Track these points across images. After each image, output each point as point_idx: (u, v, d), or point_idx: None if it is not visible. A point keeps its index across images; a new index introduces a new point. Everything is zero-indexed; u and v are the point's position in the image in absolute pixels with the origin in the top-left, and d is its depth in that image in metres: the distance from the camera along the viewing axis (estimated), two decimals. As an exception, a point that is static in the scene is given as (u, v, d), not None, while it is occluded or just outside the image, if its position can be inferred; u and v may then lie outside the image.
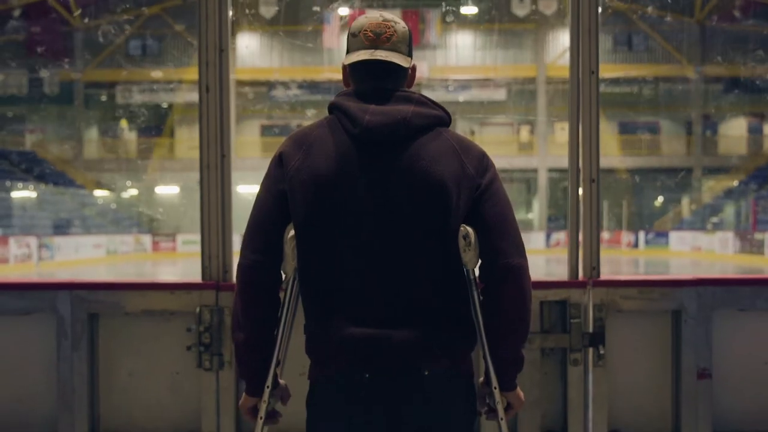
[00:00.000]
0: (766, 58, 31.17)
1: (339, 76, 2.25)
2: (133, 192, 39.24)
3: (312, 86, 37.55)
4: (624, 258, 31.23)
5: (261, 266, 2.11)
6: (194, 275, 3.32)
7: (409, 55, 2.19)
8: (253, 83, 38.50)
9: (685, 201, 37.12)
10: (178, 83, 37.41)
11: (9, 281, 2.66)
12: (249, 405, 2.19)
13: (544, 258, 31.36)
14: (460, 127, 39.49)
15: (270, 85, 37.54)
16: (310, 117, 38.12)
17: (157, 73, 36.78)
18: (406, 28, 2.20)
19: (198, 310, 3.11)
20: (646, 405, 3.20)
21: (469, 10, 37.56)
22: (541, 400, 3.13)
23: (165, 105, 37.29)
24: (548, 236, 36.14)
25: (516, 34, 37.56)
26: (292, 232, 2.10)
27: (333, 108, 2.14)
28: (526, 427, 3.12)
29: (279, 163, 2.11)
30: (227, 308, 3.12)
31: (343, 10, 35.34)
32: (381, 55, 2.10)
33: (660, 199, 38.27)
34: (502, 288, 2.08)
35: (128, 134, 39.03)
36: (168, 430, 3.21)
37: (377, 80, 2.12)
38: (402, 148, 2.06)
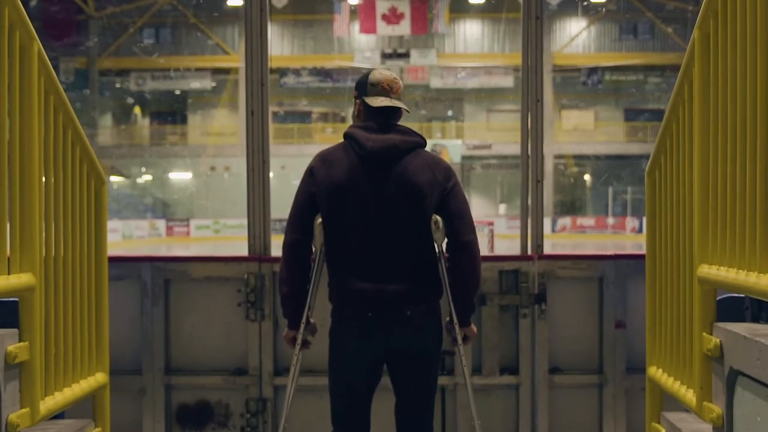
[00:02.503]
0: None
1: (347, 63, 3.27)
2: (147, 177, 40.08)
3: (322, 73, 38.21)
4: (628, 243, 31.99)
5: (298, 243, 3.15)
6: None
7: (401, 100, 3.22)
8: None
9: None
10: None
11: (108, 255, 3.64)
12: (290, 336, 3.24)
13: (550, 243, 32.10)
14: (468, 112, 40.17)
15: (281, 72, 38.17)
16: (319, 105, 38.88)
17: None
18: (403, 83, 3.23)
19: (245, 276, 4.18)
20: (578, 348, 4.25)
21: (477, -1, 38.11)
22: (499, 344, 4.18)
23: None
24: (554, 221, 36.68)
25: (521, 23, 38.04)
26: (319, 220, 3.14)
27: (347, 136, 3.17)
28: (488, 365, 4.18)
29: (311, 173, 3.15)
30: (267, 275, 4.17)
31: (353, 0, 36.09)
32: (396, 102, 3.13)
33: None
34: (460, 256, 3.13)
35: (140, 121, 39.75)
36: (222, 366, 4.27)
37: (386, 117, 3.15)
38: (393, 164, 3.09)
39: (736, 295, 2.95)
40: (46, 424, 3.00)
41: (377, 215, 3.07)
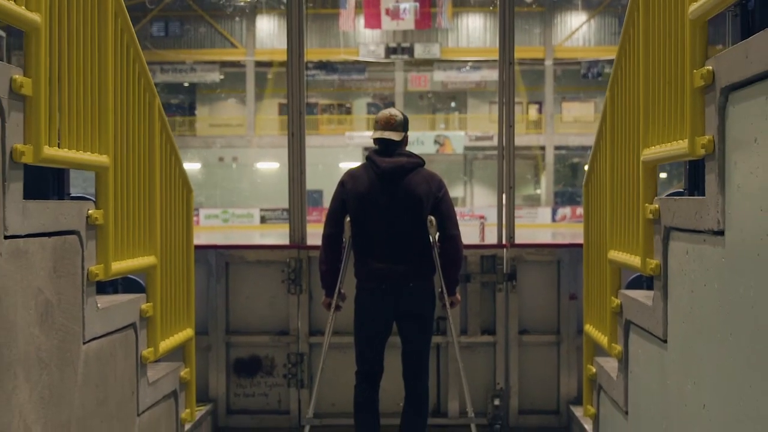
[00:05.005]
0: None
1: (352, 57, 4.59)
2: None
3: (328, 67, 39.29)
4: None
5: (333, 235, 4.40)
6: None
7: (403, 130, 4.43)
8: (272, 64, 40.16)
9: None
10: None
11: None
12: (326, 302, 4.49)
13: (551, 232, 33.20)
14: (471, 105, 41.25)
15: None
16: (324, 97, 39.79)
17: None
18: (402, 116, 4.44)
19: (288, 260, 5.44)
20: (541, 315, 5.50)
21: (480, -5, 38.98)
22: (480, 311, 5.44)
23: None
24: (554, 211, 37.54)
25: (524, 18, 38.91)
26: (347, 218, 4.39)
27: (367, 159, 4.41)
28: (472, 328, 5.44)
29: (342, 185, 4.39)
30: (304, 259, 5.43)
31: (358, -5, 37.06)
32: (385, 134, 4.37)
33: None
34: (448, 245, 4.37)
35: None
36: (269, 328, 5.53)
37: (385, 144, 4.39)
38: (401, 179, 4.33)
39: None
40: (152, 364, 4.25)
41: (389, 216, 4.31)
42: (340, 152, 38.14)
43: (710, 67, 2.50)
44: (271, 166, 39.66)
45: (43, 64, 2.67)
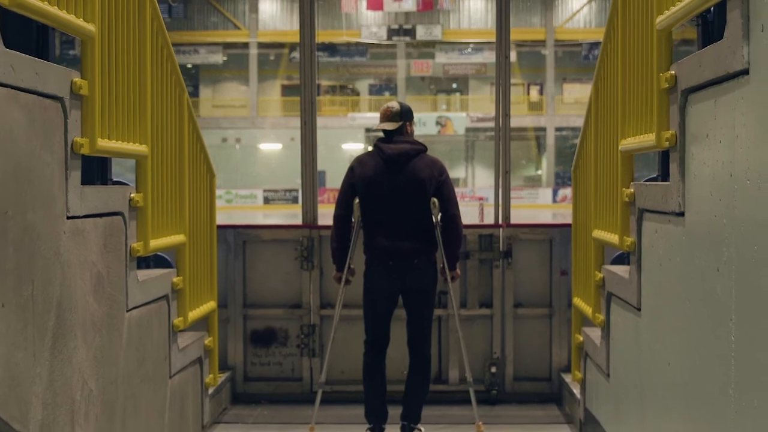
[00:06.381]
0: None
1: (354, 38, 5.33)
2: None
3: (330, 48, 39.55)
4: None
5: (343, 216, 4.82)
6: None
7: (401, 119, 4.81)
8: (275, 45, 40.44)
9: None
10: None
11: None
12: (337, 276, 4.92)
13: (551, 212, 33.55)
14: (473, 87, 41.54)
15: (291, 47, 39.51)
16: (327, 78, 40.01)
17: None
18: (400, 107, 4.83)
19: (301, 239, 5.87)
20: (534, 289, 5.93)
21: (480, -22, 39.11)
22: (479, 286, 5.88)
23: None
24: (555, 192, 37.98)
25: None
26: (357, 200, 4.80)
27: (374, 146, 4.82)
28: (471, 301, 5.88)
29: (351, 171, 4.80)
30: (315, 238, 5.86)
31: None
32: (381, 125, 4.78)
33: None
34: (449, 225, 4.78)
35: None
36: (283, 301, 5.97)
37: (388, 133, 4.80)
38: (405, 164, 4.74)
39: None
40: (181, 333, 4.68)
41: (395, 198, 4.72)
42: (342, 133, 38.50)
43: (673, 72, 2.91)
44: (274, 147, 40.02)
45: (98, 68, 3.09)
